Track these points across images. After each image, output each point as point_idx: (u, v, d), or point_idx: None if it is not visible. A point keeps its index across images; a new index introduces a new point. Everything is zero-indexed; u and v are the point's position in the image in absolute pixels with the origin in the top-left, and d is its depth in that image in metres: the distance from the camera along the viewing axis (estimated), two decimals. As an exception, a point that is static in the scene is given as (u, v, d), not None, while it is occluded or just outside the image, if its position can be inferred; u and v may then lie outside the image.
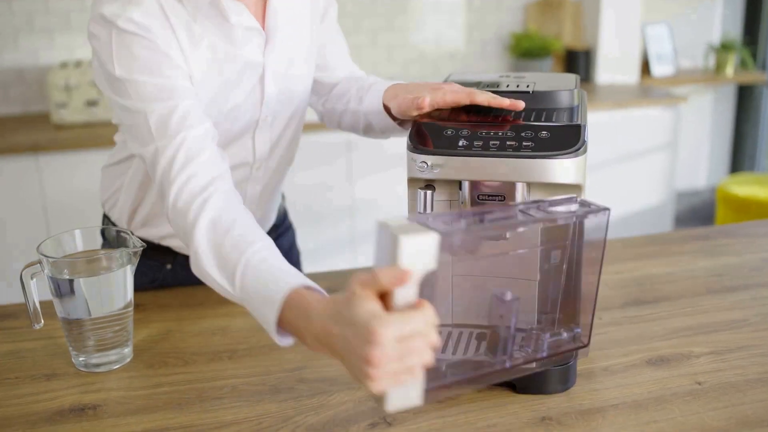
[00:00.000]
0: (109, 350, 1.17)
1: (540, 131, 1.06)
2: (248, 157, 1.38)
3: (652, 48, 4.18)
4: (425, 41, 3.98)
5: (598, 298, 1.36)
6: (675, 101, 3.67)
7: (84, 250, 1.21)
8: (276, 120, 1.38)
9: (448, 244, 0.82)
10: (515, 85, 1.18)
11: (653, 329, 1.27)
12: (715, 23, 4.53)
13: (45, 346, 1.25)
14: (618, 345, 1.22)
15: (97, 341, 1.16)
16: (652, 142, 3.70)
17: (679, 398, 1.07)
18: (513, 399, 1.07)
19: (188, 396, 1.11)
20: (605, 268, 1.49)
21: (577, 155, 1.03)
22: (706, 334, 1.25)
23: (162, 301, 1.40)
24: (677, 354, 1.19)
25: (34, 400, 1.10)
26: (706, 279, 1.46)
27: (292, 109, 1.40)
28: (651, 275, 1.48)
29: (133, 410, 1.07)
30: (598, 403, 1.06)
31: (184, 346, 1.25)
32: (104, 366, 1.18)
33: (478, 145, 1.05)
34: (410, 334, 0.77)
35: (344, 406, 1.07)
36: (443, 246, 0.80)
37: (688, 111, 4.53)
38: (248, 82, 1.29)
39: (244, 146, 1.36)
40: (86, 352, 1.17)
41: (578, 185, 1.06)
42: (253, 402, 1.09)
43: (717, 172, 4.81)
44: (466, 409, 1.05)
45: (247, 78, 1.29)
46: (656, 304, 1.36)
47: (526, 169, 1.04)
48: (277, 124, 1.39)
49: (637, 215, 3.76)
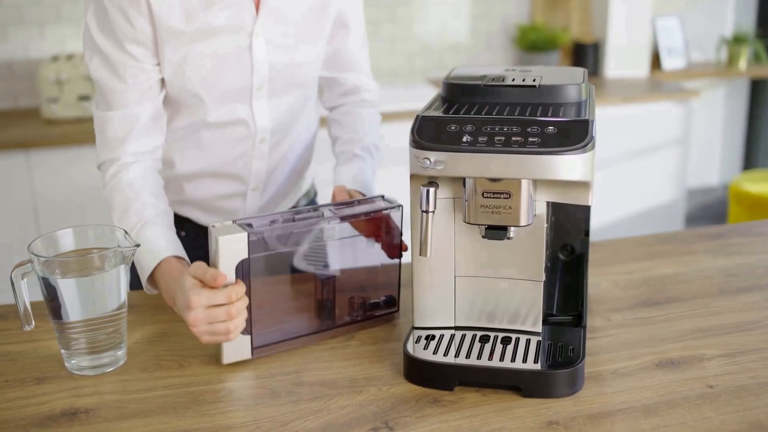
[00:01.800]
0: (102, 353, 1.17)
1: (546, 126, 1.05)
2: (249, 127, 1.44)
3: (663, 41, 4.18)
4: (429, 33, 3.98)
5: (608, 300, 1.37)
6: (686, 96, 3.67)
7: (76, 249, 1.21)
8: (276, 93, 1.44)
9: (257, 239, 1.15)
10: (521, 79, 1.18)
11: (663, 331, 1.27)
12: (728, 15, 4.53)
13: (35, 349, 1.25)
14: (627, 347, 1.22)
15: (90, 343, 1.16)
16: (662, 138, 3.70)
17: (689, 402, 1.07)
18: (518, 403, 1.07)
19: (184, 400, 1.11)
20: (614, 269, 1.50)
21: (585, 151, 1.03)
22: (717, 336, 1.24)
23: (157, 302, 1.40)
24: (688, 357, 1.19)
25: (25, 405, 1.10)
26: (718, 279, 1.46)
27: (293, 83, 1.46)
28: (661, 275, 1.48)
29: (127, 414, 1.07)
30: (606, 407, 1.06)
31: (179, 348, 1.25)
32: (97, 369, 1.18)
33: (482, 141, 1.05)
34: (217, 303, 1.11)
35: (345, 410, 1.07)
36: (254, 241, 1.14)
37: (700, 106, 4.52)
38: (231, 42, 1.35)
39: (242, 114, 1.42)
40: (78, 355, 1.17)
41: (586, 182, 1.06)
42: (250, 406, 1.09)
43: (729, 169, 4.81)
44: (470, 413, 1.05)
45: (231, 39, 1.35)
46: (667, 305, 1.36)
47: (532, 166, 1.04)
48: (278, 96, 1.45)
49: (648, 213, 3.76)
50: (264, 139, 1.47)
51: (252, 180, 1.52)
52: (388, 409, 1.06)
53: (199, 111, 1.40)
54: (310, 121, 1.60)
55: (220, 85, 1.38)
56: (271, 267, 1.22)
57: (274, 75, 1.41)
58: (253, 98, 1.42)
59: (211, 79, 1.37)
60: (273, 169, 1.54)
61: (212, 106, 1.40)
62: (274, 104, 1.45)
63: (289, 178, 1.60)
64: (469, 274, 1.18)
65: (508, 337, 1.18)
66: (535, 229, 1.13)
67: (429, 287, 1.19)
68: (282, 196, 1.63)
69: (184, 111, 1.41)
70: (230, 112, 1.42)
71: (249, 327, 1.18)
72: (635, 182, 3.70)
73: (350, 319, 1.29)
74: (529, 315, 1.18)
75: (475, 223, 1.11)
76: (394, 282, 1.32)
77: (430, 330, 1.20)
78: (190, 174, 1.50)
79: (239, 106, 1.42)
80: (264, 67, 1.39)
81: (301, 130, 1.56)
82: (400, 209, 1.29)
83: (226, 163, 1.48)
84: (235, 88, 1.39)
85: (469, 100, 1.16)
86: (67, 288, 1.13)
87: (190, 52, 1.33)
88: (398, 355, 1.19)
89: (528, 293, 1.17)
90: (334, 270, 1.29)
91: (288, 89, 1.46)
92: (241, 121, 1.43)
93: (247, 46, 1.36)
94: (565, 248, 1.27)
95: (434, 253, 1.14)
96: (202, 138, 1.45)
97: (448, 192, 1.14)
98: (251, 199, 1.55)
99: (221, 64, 1.36)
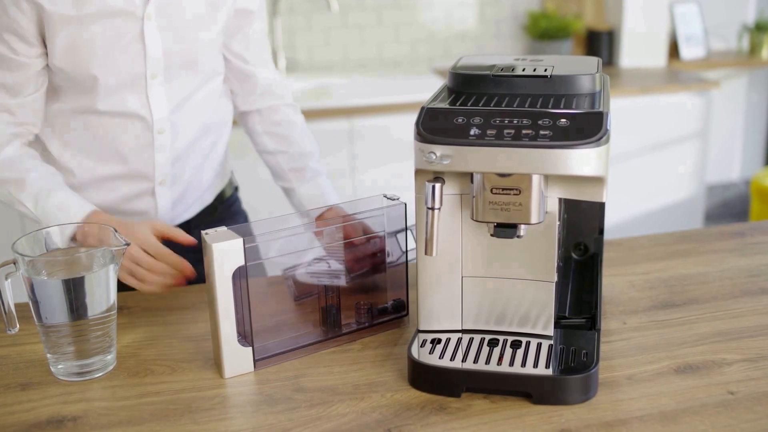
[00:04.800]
0: (91, 357, 1.18)
1: (559, 119, 1.05)
2: (145, 117, 1.47)
3: (681, 28, 4.17)
4: (434, 20, 3.98)
5: (624, 301, 1.37)
6: (706, 86, 3.67)
7: (63, 248, 1.21)
8: (172, 80, 1.47)
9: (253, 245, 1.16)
10: (532, 69, 1.17)
11: (682, 335, 1.26)
12: (750, 1, 4.52)
13: (20, 353, 1.25)
14: (644, 351, 1.22)
15: (78, 348, 1.16)
16: (681, 131, 3.70)
17: (709, 409, 1.07)
18: (529, 410, 1.07)
19: (176, 407, 1.11)
20: (630, 269, 1.50)
21: (599, 145, 1.03)
22: (739, 340, 1.24)
23: (147, 304, 1.40)
24: (708, 361, 1.18)
25: (8, 412, 1.10)
26: (740, 280, 1.45)
27: (190, 71, 1.49)
28: (680, 276, 1.48)
29: (116, 422, 1.07)
30: (621, 414, 1.06)
31: (171, 352, 1.25)
32: (85, 375, 1.18)
33: (491, 134, 1.05)
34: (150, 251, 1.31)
35: (345, 418, 1.07)
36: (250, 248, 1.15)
37: (721, 97, 4.52)
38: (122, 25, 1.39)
39: (136, 105, 1.45)
40: (66, 360, 1.17)
41: (600, 177, 1.06)
42: (246, 413, 1.09)
43: (751, 164, 4.81)
44: (478, 421, 1.05)
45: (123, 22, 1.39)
46: (685, 308, 1.36)
47: (543, 160, 1.04)
48: (175, 85, 1.48)
49: (665, 210, 3.75)
50: (163, 130, 1.50)
51: (157, 174, 1.54)
52: (392, 417, 1.06)
53: (90, 97, 1.44)
54: (219, 111, 1.62)
55: (115, 70, 1.41)
56: (271, 273, 1.24)
57: (168, 62, 1.44)
58: (149, 86, 1.45)
59: (106, 63, 1.40)
60: (178, 159, 1.56)
61: (105, 93, 1.43)
62: (171, 93, 1.48)
63: (199, 169, 1.63)
64: (477, 275, 1.18)
65: (518, 341, 1.18)
66: (546, 227, 1.13)
67: (434, 288, 1.19)
68: (195, 189, 1.65)
69: (75, 99, 1.45)
70: (121, 102, 1.45)
71: (250, 338, 1.18)
72: (652, 178, 3.69)
73: (357, 326, 1.29)
74: (540, 317, 1.18)
75: (484, 220, 1.11)
76: (401, 284, 1.33)
77: (435, 333, 1.20)
78: (89, 180, 1.53)
79: (132, 96, 1.45)
80: (157, 53, 1.43)
81: (208, 120, 1.59)
82: (403, 207, 1.29)
83: (125, 157, 1.51)
84: (130, 75, 1.43)
85: (477, 91, 1.16)
86: (54, 289, 1.13)
87: (83, 34, 1.37)
88: (402, 359, 1.19)
89: (539, 294, 1.17)
90: (339, 274, 1.29)
91: (185, 77, 1.49)
92: (134, 112, 1.47)
93: (139, 31, 1.40)
94: (578, 247, 1.27)
95: (440, 253, 1.14)
96: (98, 132, 1.48)
97: (454, 188, 1.14)
98: (161, 194, 1.57)
99: (112, 49, 1.40)
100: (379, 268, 1.31)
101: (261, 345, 1.19)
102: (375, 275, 1.32)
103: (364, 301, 1.30)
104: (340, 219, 1.29)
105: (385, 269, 1.31)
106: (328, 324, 1.27)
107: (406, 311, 1.33)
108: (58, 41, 1.37)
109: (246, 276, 1.15)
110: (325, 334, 1.26)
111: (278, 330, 1.23)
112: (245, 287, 1.16)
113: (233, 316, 1.15)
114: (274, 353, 1.21)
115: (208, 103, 1.57)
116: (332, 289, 1.27)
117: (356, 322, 1.29)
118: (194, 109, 1.54)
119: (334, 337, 1.26)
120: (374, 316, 1.30)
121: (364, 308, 1.29)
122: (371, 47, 3.89)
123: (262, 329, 1.20)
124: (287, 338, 1.23)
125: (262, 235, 1.17)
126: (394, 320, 1.32)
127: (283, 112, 1.66)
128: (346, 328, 1.28)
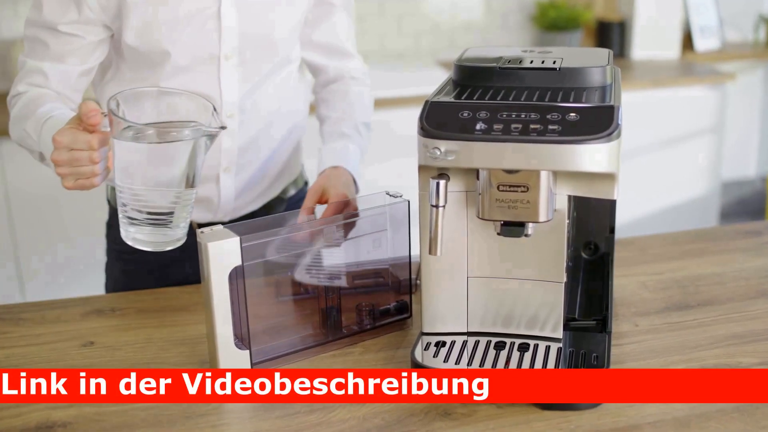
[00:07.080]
0: (162, 227, 1.17)
1: (568, 113, 1.05)
2: (214, 99, 1.45)
3: (695, 19, 4.17)
4: (439, 10, 3.97)
5: (636, 302, 1.37)
6: (721, 79, 3.66)
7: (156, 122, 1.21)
8: (247, 63, 1.45)
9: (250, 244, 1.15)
10: (540, 61, 1.17)
11: (696, 337, 1.26)
12: (767, -10, 4.52)
13: (8, 357, 1.26)
14: (657, 354, 1.22)
15: (152, 216, 1.16)
16: (694, 126, 3.69)
17: (725, 415, 1.07)
18: (538, 416, 1.07)
19: (170, 412, 1.11)
20: (642, 269, 1.50)
21: (610, 140, 1.03)
22: (755, 343, 1.24)
23: (141, 305, 1.40)
24: (723, 365, 1.18)
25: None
26: (755, 280, 1.45)
27: (266, 56, 1.47)
28: (694, 276, 1.48)
29: (108, 429, 1.08)
30: (633, 420, 1.06)
31: (166, 355, 1.25)
32: (152, 245, 1.18)
33: (498, 129, 1.05)
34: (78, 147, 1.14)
35: (347, 424, 1.07)
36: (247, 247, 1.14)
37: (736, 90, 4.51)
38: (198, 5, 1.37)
39: (208, 87, 1.44)
40: (137, 224, 1.17)
41: (611, 174, 1.06)
42: (243, 419, 1.09)
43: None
44: (484, 427, 1.05)
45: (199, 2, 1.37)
46: (700, 309, 1.35)
47: (552, 156, 1.04)
48: (251, 68, 1.47)
49: (679, 208, 3.75)
50: (232, 114, 1.48)
51: (223, 159, 1.52)
52: (394, 423, 1.07)
53: (156, 74, 1.42)
54: (294, 100, 1.61)
55: (189, 47, 1.40)
56: (269, 274, 1.22)
57: (244, 44, 1.43)
58: (221, 68, 1.44)
59: (181, 39, 1.39)
60: (246, 148, 1.54)
61: (173, 71, 1.42)
62: (244, 76, 1.47)
63: (268, 160, 1.61)
64: (483, 275, 1.18)
65: (526, 344, 1.18)
66: (555, 225, 1.13)
67: (439, 289, 1.19)
68: (261, 180, 1.62)
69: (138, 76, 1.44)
70: (191, 81, 1.43)
71: (248, 340, 1.18)
72: (665, 174, 3.69)
73: (358, 329, 1.29)
74: (549, 319, 1.18)
75: (490, 218, 1.11)
76: (405, 285, 1.33)
77: (440, 336, 1.20)
78: None
79: (203, 76, 1.44)
80: (233, 35, 1.42)
81: (281, 110, 1.57)
82: (406, 204, 1.29)
83: None
84: (204, 54, 1.42)
85: (483, 84, 1.16)
86: (139, 152, 1.13)
87: (159, 9, 1.36)
88: (405, 363, 1.20)
89: (547, 296, 1.17)
90: (339, 274, 1.29)
91: (260, 61, 1.48)
92: (202, 92, 1.42)
93: (215, 12, 1.39)
94: (588, 246, 1.27)
95: (445, 252, 1.14)
96: None
97: (460, 185, 1.14)
98: (225, 182, 1.55)
99: (188, 25, 1.39)
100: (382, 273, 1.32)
101: (258, 348, 1.19)
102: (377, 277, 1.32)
103: (365, 303, 1.29)
104: (341, 212, 1.28)
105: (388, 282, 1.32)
106: (329, 326, 1.27)
107: (409, 313, 1.32)
108: (133, 17, 1.36)
109: (243, 276, 1.15)
110: (325, 337, 1.26)
111: (276, 332, 1.23)
112: (242, 288, 1.16)
113: (230, 318, 1.15)
114: (272, 357, 1.21)
115: (282, 90, 1.56)
116: (333, 290, 1.27)
117: (357, 324, 1.29)
118: (266, 96, 1.53)
119: (335, 339, 1.26)
120: (376, 318, 1.30)
121: (365, 310, 1.29)
122: (373, 38, 3.89)
123: (260, 332, 1.20)
124: (286, 341, 1.23)
125: (259, 234, 1.17)
126: (397, 322, 1.32)
127: (343, 82, 1.66)
128: (347, 330, 1.28)
